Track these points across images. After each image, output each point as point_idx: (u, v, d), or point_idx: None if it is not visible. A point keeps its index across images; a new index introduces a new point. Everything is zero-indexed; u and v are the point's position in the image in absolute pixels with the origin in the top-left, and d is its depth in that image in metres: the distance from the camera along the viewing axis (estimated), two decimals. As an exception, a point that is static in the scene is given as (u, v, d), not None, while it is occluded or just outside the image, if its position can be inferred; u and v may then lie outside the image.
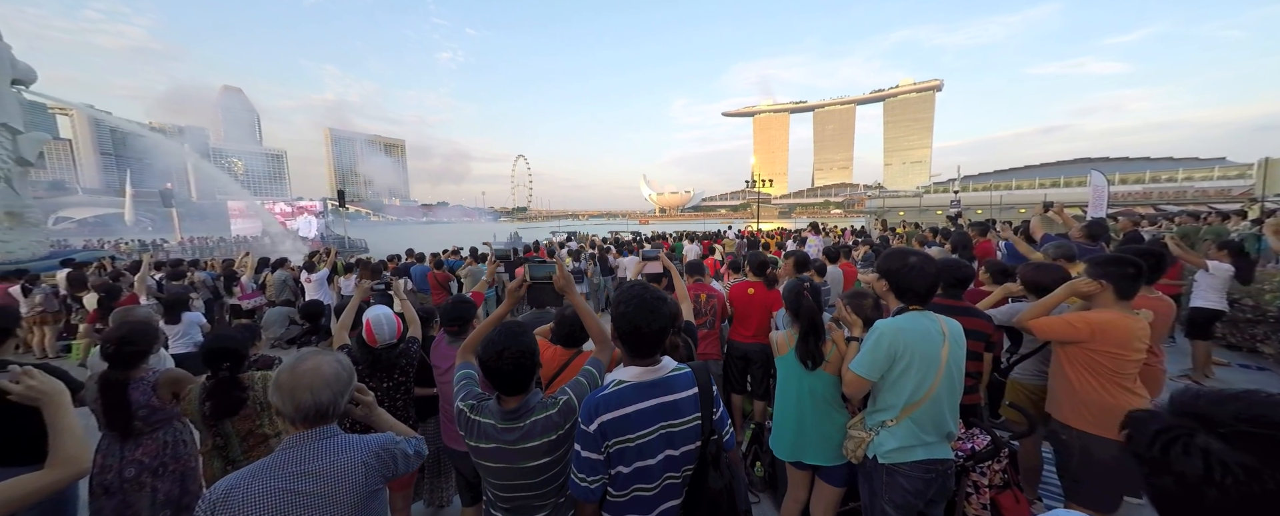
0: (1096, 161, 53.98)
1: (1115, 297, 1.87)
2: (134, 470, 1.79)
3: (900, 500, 1.64)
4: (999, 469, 1.95)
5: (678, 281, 2.79)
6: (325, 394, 1.06)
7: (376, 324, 1.99)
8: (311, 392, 1.05)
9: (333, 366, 1.09)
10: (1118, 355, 1.82)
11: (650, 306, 1.24)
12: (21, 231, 12.95)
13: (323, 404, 1.06)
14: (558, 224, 76.31)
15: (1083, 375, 1.90)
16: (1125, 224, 7.33)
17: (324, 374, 1.07)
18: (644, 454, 1.22)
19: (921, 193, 41.51)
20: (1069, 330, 1.91)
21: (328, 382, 1.06)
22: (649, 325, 1.23)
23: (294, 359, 1.10)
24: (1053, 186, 36.55)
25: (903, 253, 1.74)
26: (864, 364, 1.63)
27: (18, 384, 1.14)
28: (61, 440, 1.13)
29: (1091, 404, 1.87)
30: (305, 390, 1.04)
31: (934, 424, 1.63)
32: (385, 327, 1.99)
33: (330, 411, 1.08)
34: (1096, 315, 1.88)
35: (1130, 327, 1.82)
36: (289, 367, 1.07)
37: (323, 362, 1.09)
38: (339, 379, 1.08)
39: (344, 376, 1.10)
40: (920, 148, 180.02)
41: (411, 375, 2.13)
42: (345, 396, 1.09)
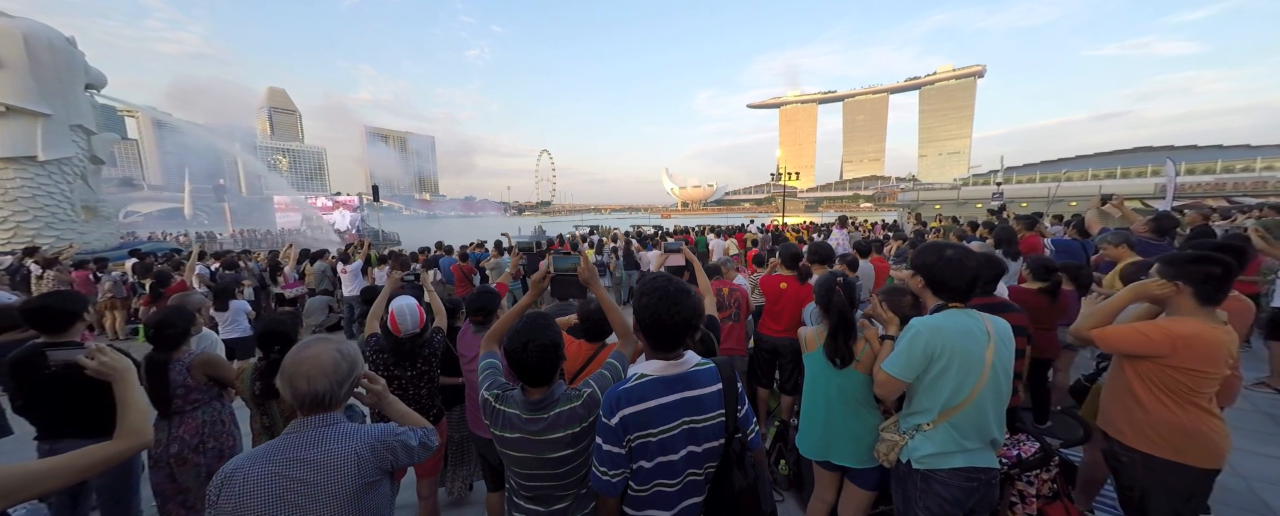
0: (1160, 150, 49.41)
1: (1196, 303, 1.58)
2: (178, 446, 1.92)
3: (937, 508, 1.53)
4: (1048, 478, 1.81)
5: (701, 274, 2.73)
6: (321, 383, 1.05)
7: (400, 314, 2.03)
8: (308, 381, 1.05)
9: (332, 356, 1.08)
10: (1200, 372, 1.55)
11: (673, 299, 1.20)
12: (96, 223, 14.18)
13: (318, 393, 1.06)
14: (580, 218, 77.09)
15: (1155, 394, 1.63)
16: (1194, 218, 6.67)
17: (322, 363, 1.06)
18: (666, 449, 1.19)
19: (959, 185, 39.25)
20: (1144, 343, 1.62)
21: (325, 372, 1.06)
22: (672, 317, 1.19)
23: (298, 346, 1.11)
24: (1108, 178, 33.89)
25: (939, 246, 1.62)
26: (897, 364, 1.53)
27: (92, 360, 1.26)
28: (128, 413, 1.23)
29: (1164, 425, 1.62)
30: (303, 377, 1.05)
31: (976, 429, 1.51)
32: (408, 318, 2.03)
33: (327, 400, 1.07)
34: (1178, 325, 1.59)
35: (1219, 341, 1.55)
36: (292, 354, 1.09)
37: (323, 351, 1.08)
38: (337, 368, 1.08)
39: (343, 366, 1.08)
40: (959, 138, 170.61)
41: (435, 364, 2.17)
42: (345, 386, 1.09)
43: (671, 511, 1.22)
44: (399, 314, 2.03)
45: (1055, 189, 28.92)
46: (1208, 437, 1.58)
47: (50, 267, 6.84)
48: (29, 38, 12.03)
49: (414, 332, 2.04)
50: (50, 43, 12.51)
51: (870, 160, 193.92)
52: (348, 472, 1.03)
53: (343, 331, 6.71)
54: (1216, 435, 1.59)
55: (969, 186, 36.73)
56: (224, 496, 0.98)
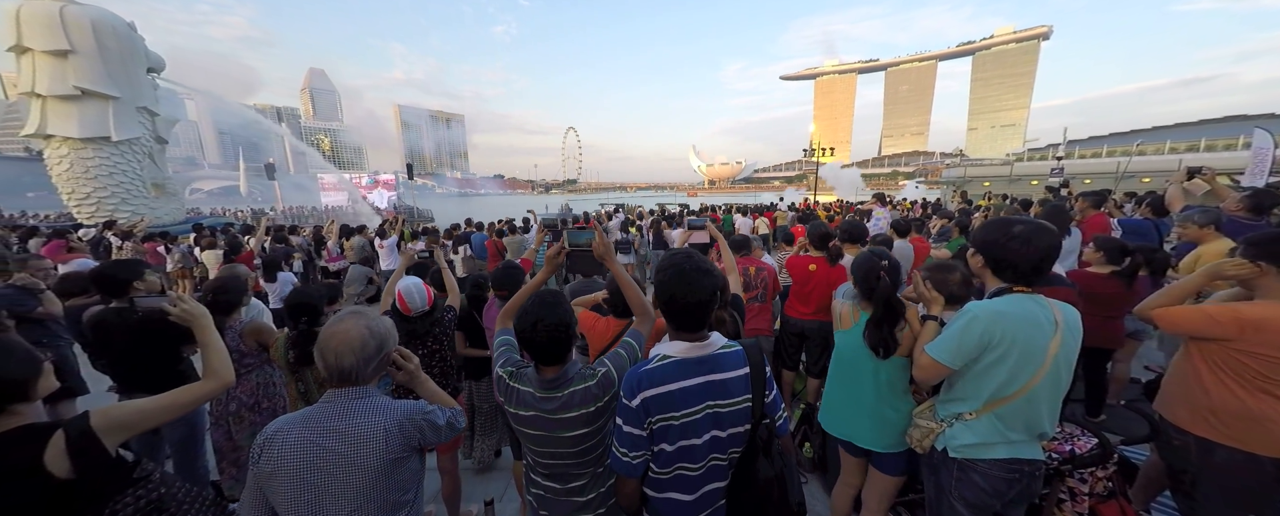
0: (1257, 118, 43.41)
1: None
2: (236, 405, 2.08)
3: (974, 498, 1.45)
4: (1103, 476, 1.67)
5: (726, 252, 2.64)
6: (348, 359, 1.07)
7: (407, 294, 2.04)
8: (336, 356, 1.07)
9: (360, 332, 1.09)
10: (1274, 359, 1.46)
11: (689, 277, 1.14)
12: (165, 200, 15.42)
13: (345, 368, 1.07)
14: (606, 196, 77.06)
15: (1221, 378, 1.57)
16: (1298, 195, 5.85)
17: (350, 338, 1.08)
18: (689, 432, 1.16)
19: (1013, 160, 36.11)
20: (1209, 325, 1.56)
21: (352, 348, 1.07)
22: (687, 296, 1.14)
23: (333, 320, 1.13)
24: (1190, 150, 30.22)
25: (1007, 222, 1.46)
26: (947, 349, 1.40)
27: (175, 307, 1.39)
28: (212, 356, 1.36)
29: (1225, 412, 1.55)
30: (331, 352, 1.07)
31: (1025, 423, 1.40)
32: (416, 297, 2.04)
33: (353, 375, 1.08)
34: (1250, 308, 1.52)
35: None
36: (327, 327, 1.11)
37: (351, 327, 1.09)
38: (365, 345, 1.08)
39: (371, 343, 1.09)
40: (1015, 108, 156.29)
41: (447, 343, 2.18)
42: (373, 362, 1.10)
43: (693, 495, 1.20)
44: (407, 293, 2.05)
45: (1125, 164, 26.10)
46: (1277, 425, 1.48)
47: (127, 240, 7.51)
48: (97, 24, 12.82)
49: (423, 311, 2.06)
50: (114, 28, 13.30)
51: (913, 134, 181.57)
52: (376, 446, 1.06)
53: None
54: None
55: (1024, 162, 33.73)
56: (265, 457, 1.04)
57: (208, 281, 2.23)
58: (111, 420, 1.06)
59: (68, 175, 13.15)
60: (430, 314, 2.11)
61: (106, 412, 1.07)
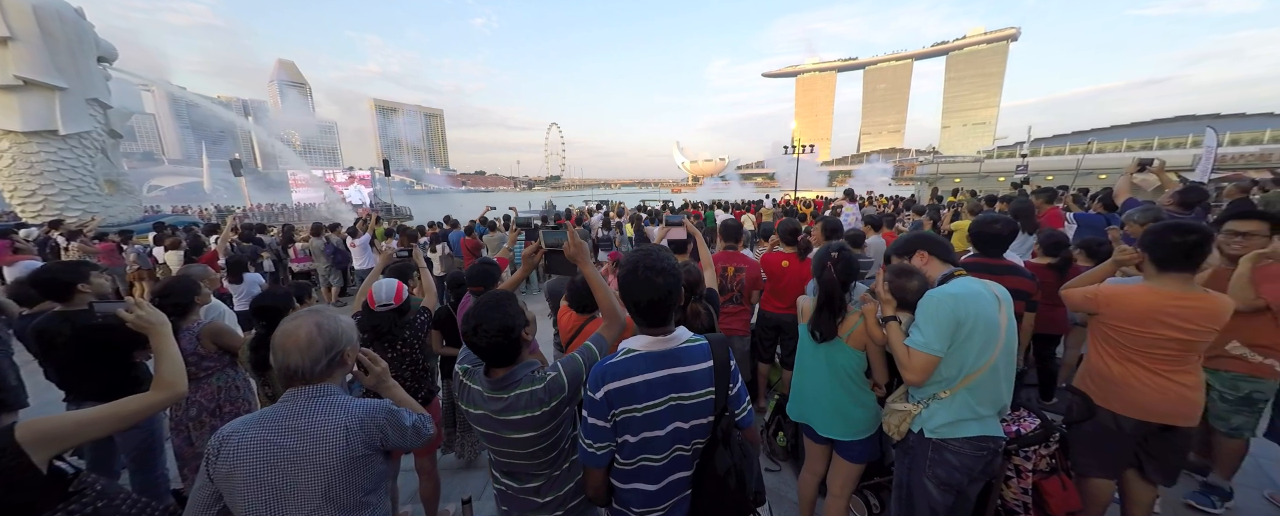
0: (1204, 118, 46.31)
1: (1156, 269, 1.69)
2: (196, 410, 2.02)
3: (947, 476, 1.55)
4: (1046, 453, 1.80)
5: (702, 248, 2.69)
6: (294, 357, 1.06)
7: (376, 288, 2.04)
8: (283, 353, 1.06)
9: (308, 331, 1.07)
10: (1131, 331, 1.70)
11: (642, 276, 1.16)
12: (120, 197, 14.56)
13: (291, 366, 1.06)
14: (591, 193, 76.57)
15: (1099, 346, 1.85)
16: (1232, 191, 6.29)
17: (297, 337, 1.07)
18: (651, 424, 1.19)
19: (982, 158, 37.57)
20: (1083, 301, 1.85)
21: (299, 346, 1.06)
22: (643, 295, 1.17)
23: (287, 319, 1.12)
24: (1144, 148, 32.03)
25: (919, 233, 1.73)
26: (931, 342, 1.48)
27: (131, 313, 1.33)
28: (164, 365, 1.31)
29: (1100, 376, 1.83)
30: (280, 351, 1.06)
31: (991, 396, 1.53)
32: (382, 291, 2.03)
33: (300, 374, 1.07)
34: (1111, 287, 1.81)
35: (1151, 302, 1.66)
36: (279, 327, 1.10)
37: (300, 326, 1.08)
38: (312, 344, 1.07)
39: (319, 342, 1.07)
40: (985, 107, 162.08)
41: (418, 347, 2.14)
42: (322, 362, 1.09)
43: (658, 485, 1.23)
44: (376, 289, 2.04)
45: (1083, 161, 27.50)
46: (1132, 388, 1.73)
47: (74, 239, 7.10)
48: (39, 9, 11.96)
49: (388, 305, 2.02)
50: (60, 14, 12.44)
51: (890, 132, 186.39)
52: (336, 444, 1.05)
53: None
54: (1145, 394, 1.72)
55: (993, 159, 35.15)
56: (221, 458, 1.02)
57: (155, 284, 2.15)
58: (38, 433, 1.02)
59: (10, 172, 12.29)
60: (399, 313, 2.07)
61: (32, 426, 1.03)
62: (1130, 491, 1.94)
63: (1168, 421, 1.72)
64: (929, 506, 1.59)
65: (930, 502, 1.59)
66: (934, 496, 1.58)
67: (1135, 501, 1.93)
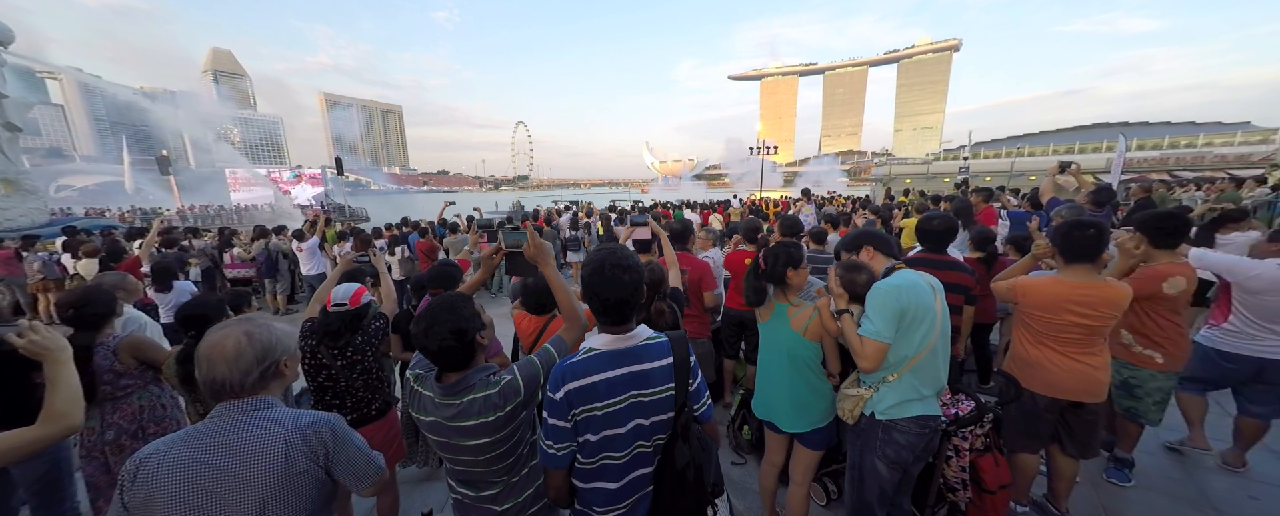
0: (1115, 126, 51.79)
1: (1064, 261, 1.90)
2: (113, 433, 1.82)
3: (894, 455, 1.66)
4: (981, 433, 1.95)
5: (667, 247, 2.72)
6: (220, 369, 0.99)
7: (335, 290, 1.96)
8: (207, 365, 0.99)
9: (237, 341, 1.01)
10: (1043, 317, 1.90)
11: (608, 274, 1.17)
12: (19, 198, 12.88)
13: (216, 379, 0.99)
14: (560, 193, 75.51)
15: (1019, 332, 2.06)
16: (1137, 191, 7.11)
17: (223, 348, 1.00)
18: (611, 422, 1.19)
19: (930, 160, 40.35)
20: (1006, 292, 2.06)
21: (225, 357, 0.99)
22: (607, 293, 1.17)
23: (214, 328, 1.04)
24: (1068, 152, 35.43)
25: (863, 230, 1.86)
26: (880, 330, 1.58)
27: (22, 338, 1.18)
28: (55, 395, 1.17)
29: (1021, 359, 2.03)
30: (204, 362, 0.99)
31: (931, 377, 1.66)
32: (340, 291, 1.94)
33: (227, 387, 1.00)
34: (1027, 279, 2.01)
35: (1057, 292, 1.86)
36: (205, 337, 1.02)
37: (228, 336, 1.01)
38: (241, 355, 1.00)
39: (248, 352, 1.01)
40: (933, 112, 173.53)
41: (371, 354, 2.03)
42: (253, 373, 1.02)
43: (619, 483, 1.23)
44: (335, 290, 1.95)
45: (1015, 164, 30.11)
46: (1047, 369, 1.94)
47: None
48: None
49: (343, 306, 1.91)
50: (-66, -11, 10.85)
51: (848, 134, 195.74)
52: (272, 459, 0.98)
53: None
54: (1057, 373, 1.92)
55: (940, 161, 37.85)
56: (138, 483, 0.93)
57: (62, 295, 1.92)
58: None
59: (-124, 169, 10.60)
60: (355, 317, 1.96)
61: None
62: (1054, 464, 2.15)
63: (1077, 398, 1.92)
64: (878, 485, 1.70)
65: (879, 481, 1.70)
66: (883, 474, 1.69)
67: (1059, 474, 2.14)
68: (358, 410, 2.03)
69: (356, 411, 2.02)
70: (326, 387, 1.97)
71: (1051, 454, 2.13)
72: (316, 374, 1.96)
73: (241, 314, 2.48)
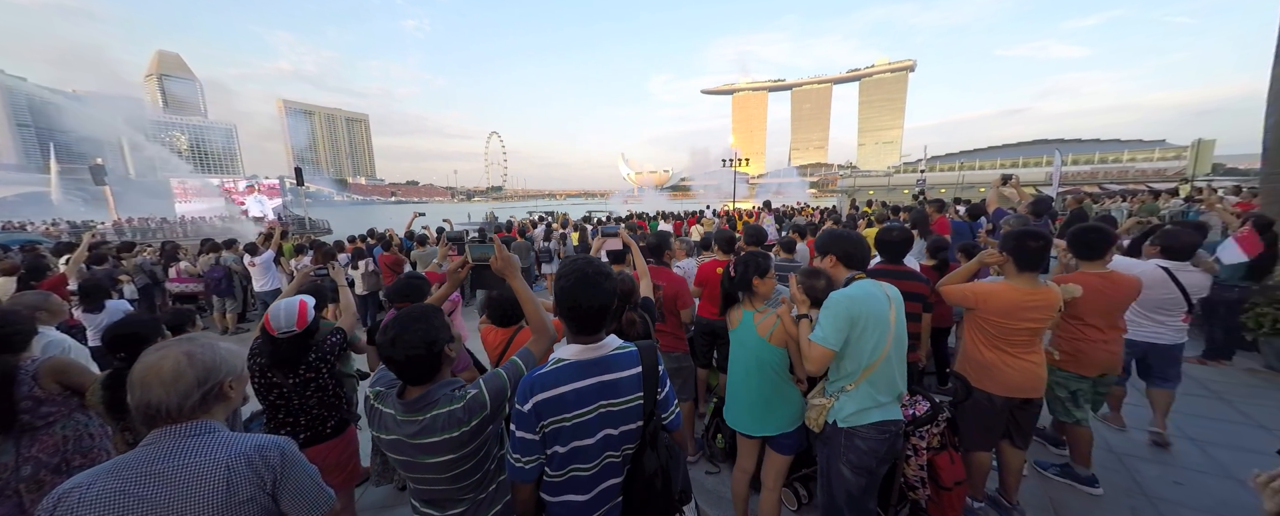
0: (1052, 143, 56.81)
1: (1016, 269, 2.02)
2: (31, 468, 1.64)
3: (857, 460, 1.71)
4: (936, 432, 2.05)
5: (638, 258, 2.74)
6: (156, 392, 0.92)
7: (273, 313, 1.82)
8: (142, 388, 0.92)
9: (176, 362, 0.94)
10: (1000, 322, 2.01)
11: (591, 281, 1.18)
12: (-79, 212, 11.56)
13: (151, 403, 0.92)
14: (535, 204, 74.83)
15: (973, 335, 2.14)
16: (1071, 202, 7.78)
17: (161, 369, 0.93)
18: (580, 433, 1.19)
19: (891, 173, 42.72)
20: (961, 297, 2.14)
21: (162, 379, 0.93)
22: (588, 301, 1.18)
23: (151, 348, 0.97)
24: (1011, 167, 38.42)
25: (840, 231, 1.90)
26: (830, 337, 1.64)
27: None
28: None
29: (976, 362, 2.12)
30: (137, 385, 0.92)
31: (887, 384, 1.72)
32: (281, 315, 1.81)
33: (163, 412, 0.93)
34: (984, 285, 2.11)
35: (1012, 299, 1.98)
36: (139, 359, 0.95)
37: (166, 357, 0.94)
38: (180, 376, 0.93)
39: (188, 374, 0.94)
40: (892, 128, 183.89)
41: (325, 371, 1.94)
42: (194, 396, 0.95)
43: (588, 495, 1.22)
44: (273, 312, 1.82)
45: (964, 177, 32.34)
46: (1000, 371, 2.05)
47: None
48: None
49: (290, 332, 1.81)
50: None
51: (815, 148, 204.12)
52: (211, 488, 0.91)
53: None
54: (1009, 374, 2.04)
55: (899, 174, 40.09)
56: None
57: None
58: None
59: None
60: (305, 336, 1.87)
61: None
62: (1003, 458, 2.28)
63: (1027, 395, 2.07)
64: (845, 489, 1.75)
65: (846, 486, 1.74)
66: (849, 480, 1.73)
67: (1008, 467, 2.27)
68: (312, 428, 1.93)
69: (310, 430, 1.93)
70: (279, 406, 1.88)
71: (1001, 449, 2.26)
72: (268, 393, 1.87)
73: (184, 334, 2.31)
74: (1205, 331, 4.06)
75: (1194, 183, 16.64)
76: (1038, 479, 2.57)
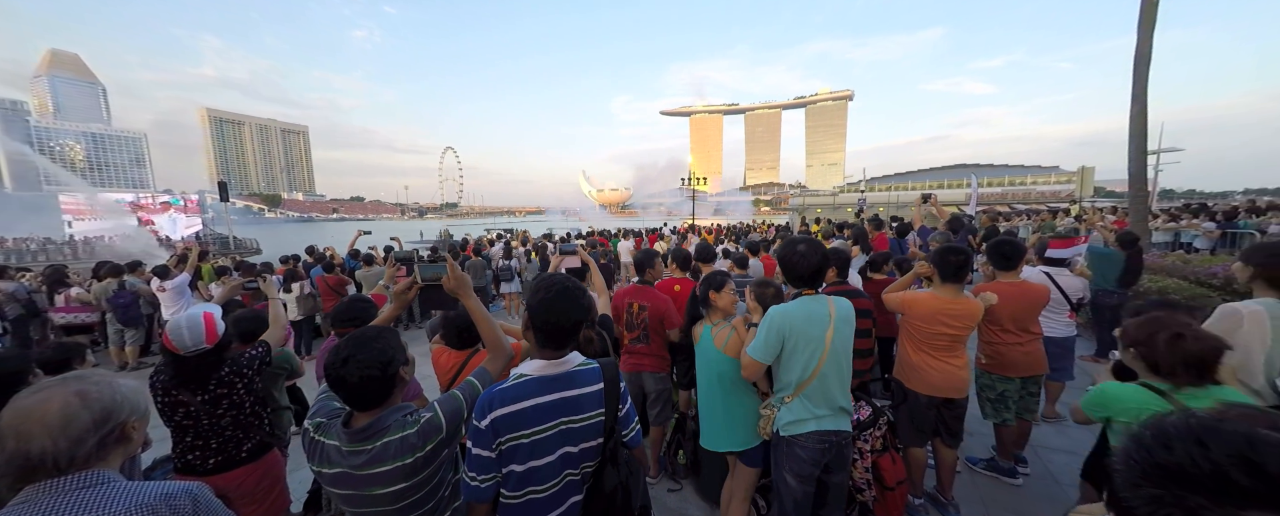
0: (970, 167, 64.39)
1: (940, 280, 2.24)
2: None
3: (797, 468, 1.76)
4: (879, 435, 2.18)
5: (596, 275, 2.76)
6: (40, 442, 0.79)
7: (174, 328, 1.60)
8: (19, 439, 0.79)
9: (64, 404, 0.82)
10: (922, 327, 2.24)
11: (570, 297, 1.19)
12: None
13: (30, 454, 0.79)
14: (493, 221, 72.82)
15: (904, 340, 2.37)
16: (985, 219, 8.75)
17: (45, 415, 0.81)
18: (538, 452, 1.16)
19: (837, 192, 46.28)
20: (895, 304, 2.39)
21: (49, 427, 0.80)
22: (565, 317, 1.19)
23: (28, 390, 0.85)
24: (937, 187, 42.84)
25: (794, 240, 1.85)
26: (758, 348, 1.72)
27: None
28: None
29: (908, 364, 2.34)
30: (11, 435, 0.80)
31: (824, 399, 1.75)
32: (185, 333, 1.61)
33: (49, 463, 0.81)
34: (911, 293, 2.37)
35: (934, 306, 2.20)
36: (11, 402, 0.82)
37: (51, 399, 0.83)
38: (72, 421, 0.82)
39: (83, 417, 0.83)
40: (836, 151, 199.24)
41: (241, 386, 1.75)
42: (91, 441, 0.83)
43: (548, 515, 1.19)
44: (173, 329, 1.61)
45: (899, 197, 35.72)
46: (925, 372, 2.25)
47: None
48: None
49: (200, 348, 1.62)
50: None
51: (768, 168, 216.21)
52: None
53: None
54: (932, 375, 2.24)
55: (844, 193, 43.47)
56: None
57: None
58: None
59: None
60: (216, 352, 1.67)
61: None
62: (939, 456, 2.46)
63: (948, 395, 2.27)
64: (791, 497, 1.79)
65: (791, 493, 1.79)
66: (793, 487, 1.77)
67: (943, 463, 2.45)
68: (224, 452, 1.73)
69: (222, 453, 1.72)
70: (186, 427, 1.67)
71: (936, 446, 2.45)
72: (173, 412, 1.66)
73: (70, 372, 2.01)
74: (1096, 333, 4.66)
75: (1082, 203, 19.37)
76: (969, 473, 2.80)
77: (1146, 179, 5.25)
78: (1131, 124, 5.00)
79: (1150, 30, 4.77)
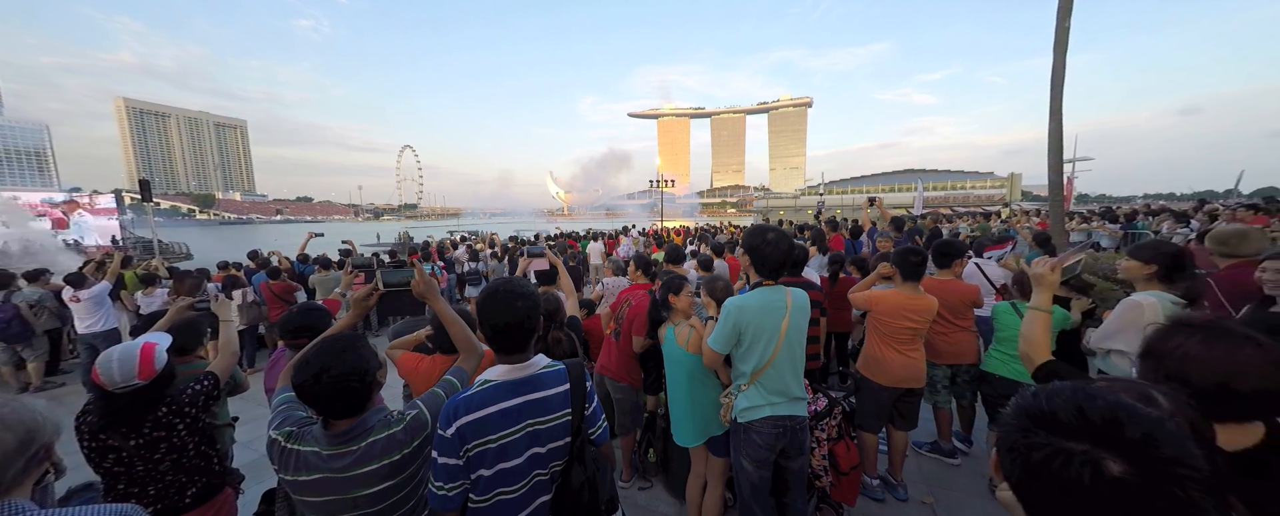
0: (916, 172, 69.33)
1: (901, 278, 2.45)
2: None
3: (753, 453, 1.83)
4: (835, 424, 2.33)
5: (565, 277, 2.77)
6: None
7: (103, 362, 1.41)
8: None
9: None
10: (888, 322, 2.42)
11: (503, 298, 1.19)
12: None
13: None
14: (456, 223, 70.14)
15: (870, 335, 2.54)
16: (929, 222, 9.47)
17: None
18: (506, 455, 1.17)
19: (798, 195, 48.46)
20: (860, 301, 2.56)
21: None
22: (502, 316, 1.18)
23: None
24: (889, 191, 45.76)
25: (763, 228, 1.87)
26: (717, 339, 1.80)
27: None
28: None
29: (870, 357, 2.52)
30: None
31: (778, 387, 1.81)
32: (114, 368, 1.40)
33: None
34: (878, 291, 2.55)
35: (898, 302, 2.40)
36: None
37: None
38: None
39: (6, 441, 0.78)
40: (797, 155, 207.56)
41: (181, 429, 1.57)
42: (15, 466, 0.78)
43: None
44: (102, 363, 1.41)
45: (853, 200, 37.96)
46: (889, 364, 2.43)
47: None
48: None
49: (131, 385, 1.43)
50: None
51: (733, 171, 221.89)
52: None
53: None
54: (895, 366, 2.42)
55: (805, 196, 45.68)
56: None
57: None
58: None
59: None
60: (156, 387, 1.50)
61: None
62: (891, 441, 2.67)
63: (908, 385, 2.47)
64: (748, 481, 1.87)
65: (748, 477, 1.86)
66: (750, 472, 1.85)
67: (894, 447, 2.66)
68: (165, 499, 1.58)
69: (163, 500, 1.57)
70: (118, 475, 1.51)
71: (889, 431, 2.64)
72: (102, 458, 1.48)
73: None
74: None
75: (1011, 207, 21.44)
76: (914, 456, 3.03)
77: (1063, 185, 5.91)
78: (1050, 136, 5.58)
79: (1063, 51, 5.36)
